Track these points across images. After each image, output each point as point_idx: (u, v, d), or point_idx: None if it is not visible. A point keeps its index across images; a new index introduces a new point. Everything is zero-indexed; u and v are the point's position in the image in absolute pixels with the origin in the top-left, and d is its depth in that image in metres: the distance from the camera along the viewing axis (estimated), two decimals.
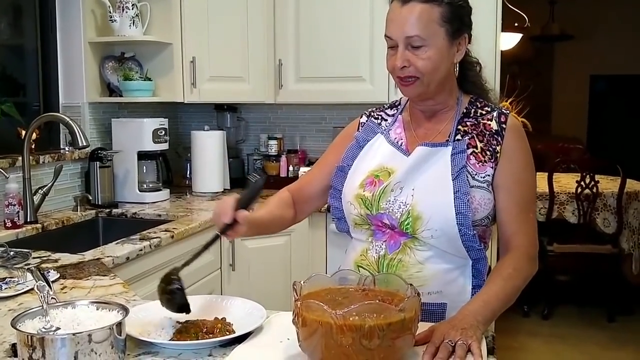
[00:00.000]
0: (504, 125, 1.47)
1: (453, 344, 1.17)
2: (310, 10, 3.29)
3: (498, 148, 1.45)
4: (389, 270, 1.43)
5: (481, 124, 1.48)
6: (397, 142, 1.54)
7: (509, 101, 3.27)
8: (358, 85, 3.26)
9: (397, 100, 1.66)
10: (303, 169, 3.47)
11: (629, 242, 4.26)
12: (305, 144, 3.70)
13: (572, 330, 4.12)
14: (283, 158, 3.57)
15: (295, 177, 3.46)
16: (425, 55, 1.40)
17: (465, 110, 1.52)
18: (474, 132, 1.47)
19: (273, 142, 3.60)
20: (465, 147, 1.45)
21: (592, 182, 4.12)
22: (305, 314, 1.08)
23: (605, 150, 7.40)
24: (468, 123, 1.49)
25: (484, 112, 1.51)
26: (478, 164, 1.44)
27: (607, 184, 4.40)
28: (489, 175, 1.44)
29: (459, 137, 1.47)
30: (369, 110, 1.67)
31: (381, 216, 1.45)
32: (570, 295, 4.79)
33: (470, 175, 1.43)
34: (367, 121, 1.63)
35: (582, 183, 4.13)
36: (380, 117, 1.62)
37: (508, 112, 1.51)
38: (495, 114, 1.49)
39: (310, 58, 3.31)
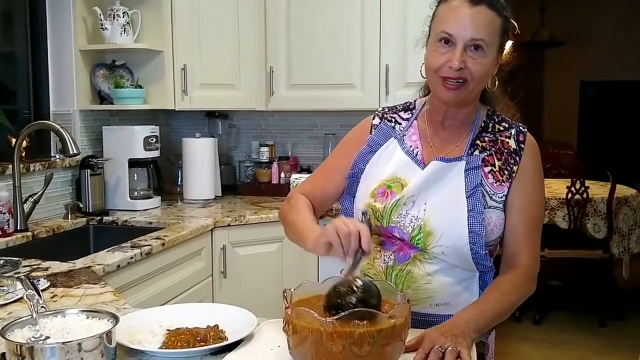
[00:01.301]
0: (522, 145, 1.46)
1: (443, 350, 1.17)
2: (301, 17, 3.30)
3: (515, 168, 1.44)
4: (397, 280, 1.42)
5: (499, 140, 1.47)
6: (413, 151, 1.50)
7: (501, 107, 3.28)
8: (349, 92, 3.27)
9: (410, 103, 1.60)
10: (295, 176, 3.47)
11: (619, 247, 4.28)
12: (297, 151, 3.70)
13: (564, 335, 4.14)
14: (274, 165, 3.57)
15: (287, 184, 3.47)
16: (483, 61, 1.36)
17: (483, 124, 1.49)
18: (493, 149, 1.46)
19: (264, 149, 3.60)
20: (480, 162, 1.43)
21: (583, 188, 4.15)
22: (295, 321, 1.08)
23: (596, 156, 7.45)
24: (486, 139, 1.47)
25: (501, 128, 1.49)
26: (496, 183, 1.43)
27: (597, 190, 4.43)
28: (505, 195, 1.43)
29: (476, 152, 1.45)
30: (381, 111, 1.60)
31: (392, 229, 1.44)
32: (562, 300, 4.81)
33: (488, 195, 1.41)
34: (380, 123, 1.57)
35: (573, 189, 4.16)
36: (394, 119, 1.57)
37: (526, 129, 1.49)
38: (513, 131, 1.47)
39: (301, 65, 3.32)
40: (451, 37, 1.36)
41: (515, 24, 1.49)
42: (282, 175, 3.55)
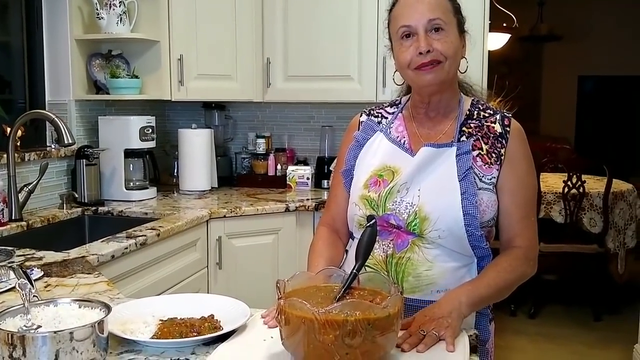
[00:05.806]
0: (507, 129, 1.48)
1: (424, 334, 1.20)
2: (298, 8, 3.29)
3: (502, 151, 1.46)
4: (398, 269, 1.43)
5: (485, 126, 1.49)
6: (400, 140, 1.53)
7: (497, 101, 3.29)
8: (346, 84, 3.26)
9: (397, 99, 1.64)
10: (291, 168, 3.47)
11: (615, 241, 4.29)
12: (294, 143, 3.70)
13: (559, 330, 4.15)
14: (271, 157, 3.56)
15: (283, 176, 3.47)
16: (447, 39, 1.41)
17: (468, 113, 1.52)
18: (479, 134, 1.48)
19: (261, 141, 3.59)
20: (470, 148, 1.45)
21: (579, 182, 4.15)
22: (288, 311, 1.08)
23: (593, 151, 7.45)
24: (472, 125, 1.50)
25: (486, 115, 1.51)
26: (484, 165, 1.45)
27: (594, 184, 4.43)
28: (494, 178, 1.45)
29: (463, 138, 1.48)
30: (369, 108, 1.66)
31: (388, 217, 1.45)
32: (557, 294, 4.82)
33: (478, 177, 1.44)
34: (366, 120, 1.62)
35: (569, 183, 4.16)
36: (380, 115, 1.61)
37: (510, 115, 1.52)
38: (498, 117, 1.50)
39: (298, 57, 3.31)
40: (410, 28, 1.42)
41: (514, 17, 1.50)
42: (279, 167, 3.55)
